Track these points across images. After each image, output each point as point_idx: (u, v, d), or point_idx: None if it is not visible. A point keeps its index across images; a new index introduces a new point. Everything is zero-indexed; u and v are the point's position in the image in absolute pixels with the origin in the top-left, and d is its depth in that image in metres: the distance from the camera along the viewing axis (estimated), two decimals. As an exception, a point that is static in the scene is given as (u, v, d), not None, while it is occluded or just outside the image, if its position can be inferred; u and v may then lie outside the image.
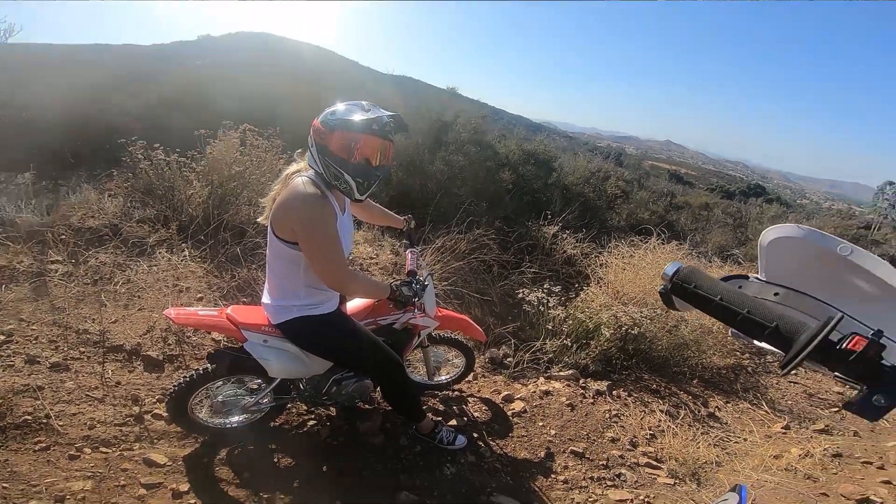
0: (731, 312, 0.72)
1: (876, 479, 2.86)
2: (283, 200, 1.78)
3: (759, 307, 0.71)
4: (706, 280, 0.77)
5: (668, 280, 0.81)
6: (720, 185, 33.16)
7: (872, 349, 0.60)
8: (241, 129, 4.05)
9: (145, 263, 3.43)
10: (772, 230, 0.86)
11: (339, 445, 2.39)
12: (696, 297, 0.77)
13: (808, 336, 0.63)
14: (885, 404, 0.61)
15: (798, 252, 0.83)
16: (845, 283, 0.80)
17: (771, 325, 0.68)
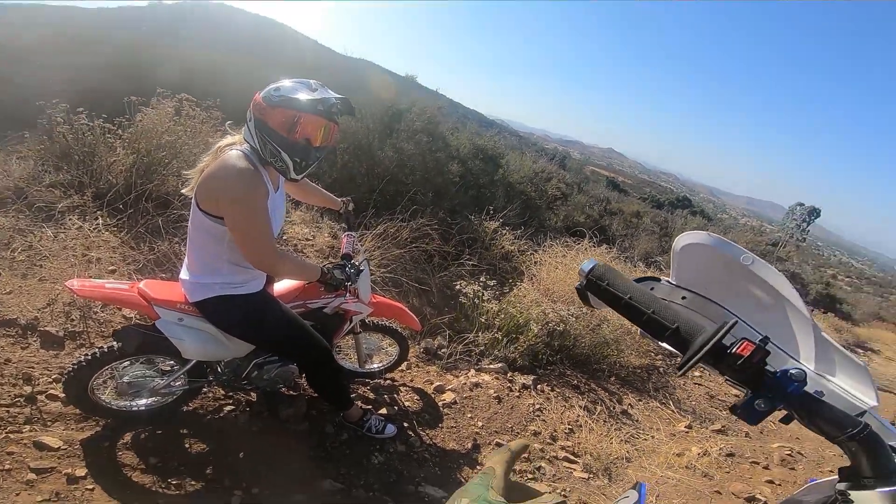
0: (638, 312, 0.74)
1: (762, 478, 3.19)
2: (211, 172, 1.68)
3: (663, 308, 0.73)
4: (619, 279, 0.79)
5: (584, 276, 0.82)
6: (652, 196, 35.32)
7: (758, 355, 0.63)
8: (179, 99, 3.86)
9: (51, 230, 3.09)
10: (684, 236, 0.89)
11: (259, 432, 2.29)
12: (608, 294, 0.79)
13: (704, 339, 0.66)
14: (765, 409, 0.64)
15: (706, 259, 0.87)
16: (744, 290, 0.85)
17: (672, 326, 0.71)
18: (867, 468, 0.62)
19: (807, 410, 0.65)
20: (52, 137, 3.62)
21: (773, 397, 0.64)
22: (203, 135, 3.90)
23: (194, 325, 1.93)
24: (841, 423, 0.63)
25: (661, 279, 0.93)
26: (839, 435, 0.63)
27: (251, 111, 1.74)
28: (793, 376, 0.64)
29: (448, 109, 10.57)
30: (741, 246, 0.86)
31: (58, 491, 1.77)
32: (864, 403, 0.76)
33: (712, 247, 0.86)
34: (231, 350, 2.04)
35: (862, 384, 0.78)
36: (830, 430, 0.64)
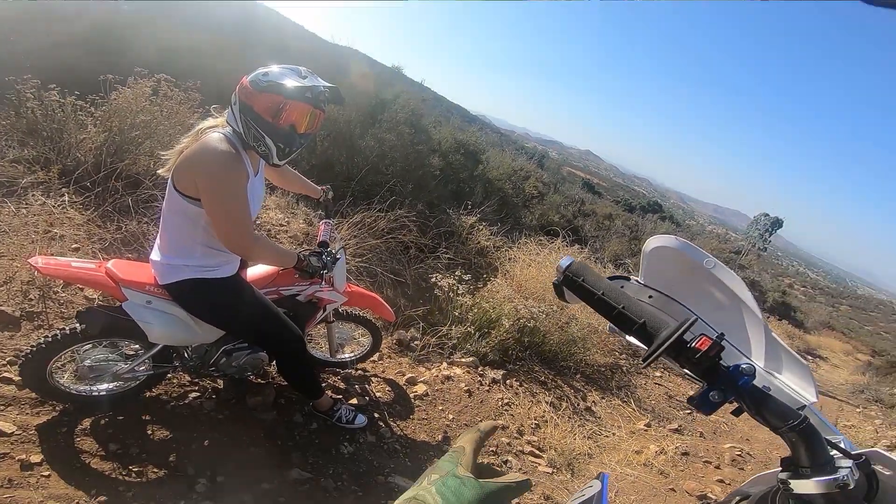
0: (609, 307, 0.79)
1: (713, 477, 3.35)
2: (191, 153, 1.65)
3: (632, 305, 0.78)
4: (593, 276, 0.84)
5: (562, 272, 0.86)
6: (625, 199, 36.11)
7: (714, 350, 0.68)
8: (157, 79, 3.73)
9: (12, 205, 2.95)
10: (654, 239, 0.96)
11: (225, 420, 2.25)
12: (583, 289, 0.83)
13: (667, 334, 0.71)
14: (718, 400, 0.69)
15: (673, 261, 0.94)
16: (705, 291, 0.93)
17: (639, 321, 0.76)
18: (805, 458, 0.68)
19: (754, 402, 0.70)
20: (18, 113, 3.47)
21: (725, 389, 0.69)
22: (180, 116, 3.79)
23: (163, 309, 1.88)
24: (784, 415, 0.68)
25: (630, 278, 0.99)
26: (782, 426, 0.68)
27: (237, 94, 1.71)
28: (743, 370, 0.69)
29: (432, 102, 10.52)
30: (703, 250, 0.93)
31: (11, 477, 1.71)
32: (805, 399, 0.83)
33: (679, 250, 0.93)
34: (200, 335, 1.99)
35: (804, 381, 0.85)
36: (774, 422, 0.68)
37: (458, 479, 0.59)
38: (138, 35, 5.95)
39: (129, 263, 1.96)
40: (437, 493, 0.55)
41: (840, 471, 0.65)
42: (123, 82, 3.61)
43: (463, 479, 0.59)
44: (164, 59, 4.81)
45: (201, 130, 1.74)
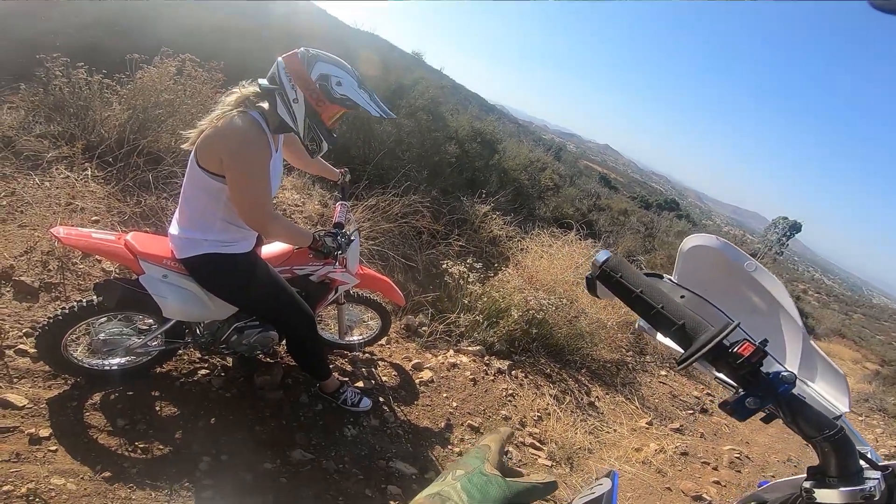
0: (648, 306, 0.77)
1: (710, 478, 3.34)
2: (219, 130, 1.68)
3: (671, 305, 0.77)
4: (631, 272, 0.82)
5: (598, 267, 0.84)
6: (641, 195, 35.61)
7: (756, 356, 0.67)
8: (181, 59, 3.79)
9: (37, 178, 3.00)
10: (694, 237, 0.93)
11: (232, 398, 2.29)
12: (620, 286, 0.81)
13: (708, 337, 0.70)
14: (754, 407, 0.68)
15: (711, 261, 0.91)
16: (742, 295, 0.90)
17: (679, 322, 0.74)
18: (834, 468, 0.67)
19: (791, 411, 0.69)
20: (47, 90, 3.54)
21: (762, 396, 0.68)
22: (203, 95, 3.83)
23: (178, 283, 1.90)
24: (820, 425, 0.67)
25: (663, 276, 0.96)
26: (817, 435, 0.67)
27: (301, 93, 1.72)
28: (784, 378, 0.69)
29: (450, 90, 10.40)
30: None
31: (18, 451, 1.74)
32: (838, 409, 0.81)
33: (719, 250, 0.90)
34: (213, 311, 2.02)
35: (838, 391, 0.83)
36: (809, 431, 0.68)
37: (485, 476, 0.59)
38: (163, 16, 5.98)
39: (148, 236, 1.98)
40: (462, 489, 0.55)
41: (867, 482, 0.65)
42: (149, 62, 3.66)
43: (490, 476, 0.59)
44: (189, 40, 4.84)
45: (225, 104, 1.76)
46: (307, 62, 1.72)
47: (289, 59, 1.72)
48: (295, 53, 1.73)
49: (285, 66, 1.72)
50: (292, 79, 1.71)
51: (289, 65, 1.72)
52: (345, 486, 2.11)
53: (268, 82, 1.74)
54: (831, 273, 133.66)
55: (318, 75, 1.72)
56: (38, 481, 1.66)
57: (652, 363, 5.16)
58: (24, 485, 1.63)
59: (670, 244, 10.02)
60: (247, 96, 1.76)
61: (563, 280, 4.55)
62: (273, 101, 1.74)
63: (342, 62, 1.79)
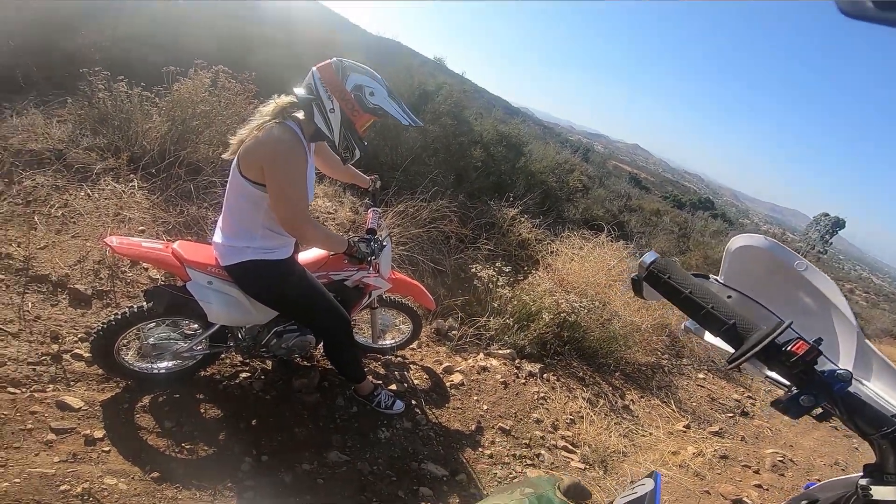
0: (697, 306, 0.78)
1: (751, 482, 3.23)
2: (260, 141, 1.76)
3: (721, 305, 0.77)
4: (679, 273, 0.83)
5: (645, 269, 0.85)
6: (674, 195, 34.69)
7: (811, 354, 0.68)
8: (215, 71, 3.95)
9: (87, 189, 3.19)
10: (741, 237, 0.93)
11: (272, 400, 2.37)
12: (669, 287, 0.82)
13: (760, 336, 0.71)
14: (809, 405, 0.69)
15: (759, 261, 0.90)
16: (792, 295, 0.89)
17: (729, 322, 0.75)
18: (893, 465, 0.67)
19: (848, 409, 0.69)
20: (91, 103, 3.74)
21: (817, 395, 0.69)
22: (237, 106, 3.98)
23: (222, 290, 1.99)
24: (878, 422, 0.68)
25: (710, 277, 0.96)
26: (874, 433, 0.67)
27: (337, 103, 1.79)
28: (840, 376, 0.69)
29: (474, 94, 10.45)
30: None
31: (75, 452, 1.82)
32: (894, 408, 0.80)
33: (768, 250, 0.89)
34: (254, 316, 2.10)
35: (894, 391, 0.82)
36: (866, 428, 0.68)
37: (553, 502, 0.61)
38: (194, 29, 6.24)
39: (193, 245, 2.08)
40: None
41: None
42: (184, 74, 3.82)
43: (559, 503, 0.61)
44: (220, 52, 5.05)
45: (263, 115, 1.83)
46: (341, 73, 1.78)
47: (324, 70, 1.79)
48: (329, 64, 1.80)
49: (321, 76, 1.78)
50: (328, 89, 1.78)
51: (324, 75, 1.78)
52: (378, 487, 2.14)
53: (304, 92, 1.81)
54: (880, 271, 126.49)
55: (353, 86, 1.79)
56: (92, 481, 1.74)
57: (689, 366, 5.02)
58: (80, 484, 1.71)
59: (706, 244, 9.73)
60: (283, 106, 1.83)
61: (594, 282, 4.49)
62: (309, 111, 1.81)
63: (373, 72, 1.85)
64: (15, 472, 1.67)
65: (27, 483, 1.65)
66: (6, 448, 1.75)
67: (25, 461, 1.73)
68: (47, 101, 4.09)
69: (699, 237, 10.13)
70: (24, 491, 1.62)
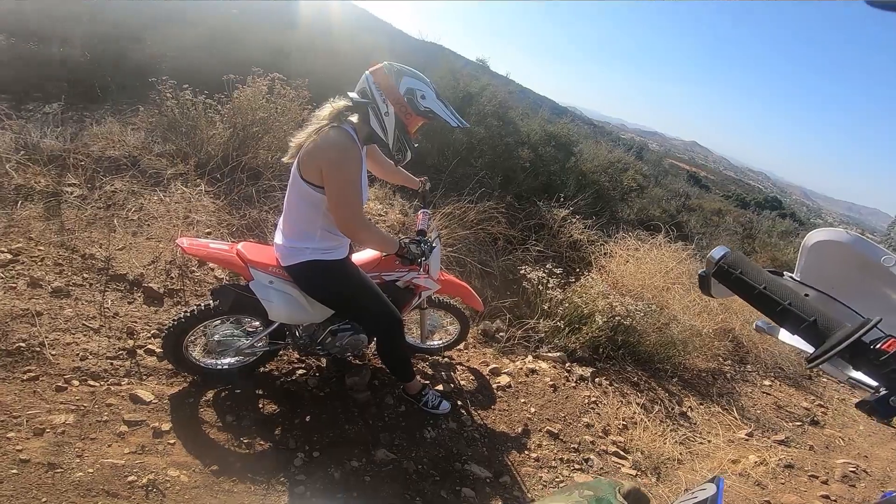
0: (773, 302, 0.75)
1: (817, 493, 2.97)
2: (319, 145, 1.83)
3: (800, 301, 0.73)
4: (752, 269, 0.79)
5: (714, 264, 0.82)
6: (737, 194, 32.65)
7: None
8: (271, 78, 4.12)
9: (160, 193, 3.46)
10: (818, 232, 0.88)
11: (325, 397, 2.45)
12: (741, 283, 0.79)
13: (845, 333, 0.66)
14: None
15: (839, 257, 0.85)
16: (878, 292, 0.83)
17: (809, 319, 0.71)
18: None
19: None
20: (161, 111, 4.02)
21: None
22: (292, 112, 4.14)
23: (282, 289, 2.08)
24: None
25: (784, 274, 0.92)
26: None
27: (391, 107, 1.86)
28: None
29: (519, 95, 10.35)
30: None
31: (144, 444, 1.95)
32: None
33: (849, 245, 0.84)
34: (311, 315, 2.19)
35: None
36: None
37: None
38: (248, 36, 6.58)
39: (256, 246, 2.19)
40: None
41: None
42: (242, 81, 4.02)
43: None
44: (273, 59, 5.29)
45: (320, 118, 1.90)
46: (395, 76, 1.84)
47: (377, 74, 1.85)
48: (381, 68, 1.85)
49: (375, 80, 1.85)
50: (383, 93, 1.84)
51: (378, 79, 1.84)
52: (422, 486, 2.16)
53: (358, 96, 1.87)
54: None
55: (406, 89, 1.85)
56: (157, 473, 1.85)
57: (754, 372, 4.71)
58: (146, 476, 1.82)
59: (774, 245, 9.08)
60: (339, 110, 1.89)
61: (651, 285, 4.31)
62: (364, 114, 1.88)
63: (422, 76, 1.90)
64: (89, 462, 1.80)
65: (99, 473, 1.78)
66: (84, 439, 1.90)
67: (99, 451, 1.86)
68: (122, 110, 4.47)
69: (766, 238, 9.46)
70: (95, 481, 1.75)
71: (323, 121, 1.88)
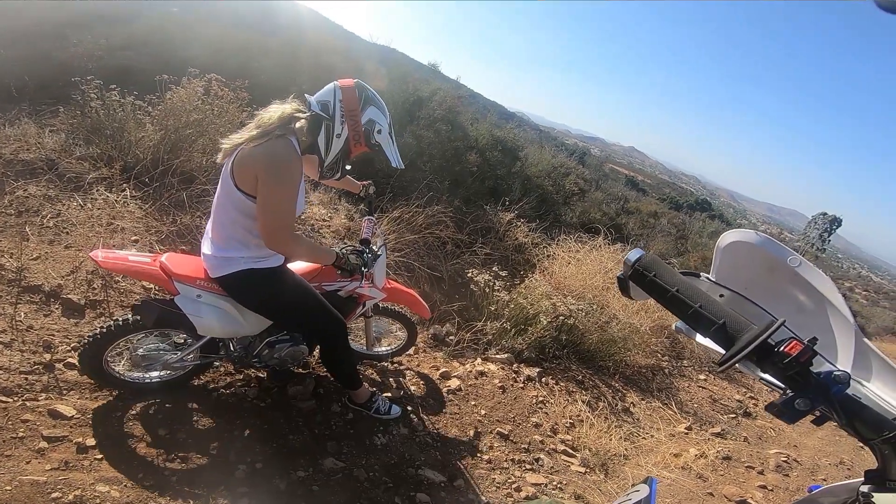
0: (684, 305, 0.75)
1: (755, 483, 3.19)
2: (256, 152, 1.73)
3: (710, 303, 0.74)
4: (666, 271, 0.79)
5: (630, 266, 0.82)
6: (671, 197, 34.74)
7: (806, 355, 0.64)
8: (207, 79, 3.94)
9: (80, 199, 3.19)
10: (732, 233, 0.90)
11: (266, 408, 2.34)
12: (654, 285, 0.79)
13: (751, 336, 0.67)
14: (805, 409, 0.65)
15: (750, 258, 0.87)
16: (786, 292, 0.86)
17: (719, 321, 0.71)
18: (895, 471, 0.64)
19: (847, 412, 0.66)
20: (84, 112, 3.73)
21: (814, 398, 0.65)
22: (230, 114, 3.97)
23: (212, 302, 1.97)
24: (879, 426, 0.64)
25: (700, 275, 0.93)
26: (875, 437, 0.64)
27: (346, 131, 1.85)
28: (837, 378, 0.65)
29: (468, 100, 10.49)
30: None
31: (67, 460, 1.81)
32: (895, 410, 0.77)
33: (759, 246, 0.86)
34: (245, 327, 2.08)
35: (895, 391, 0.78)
36: (867, 433, 0.65)
37: None
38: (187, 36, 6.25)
39: (182, 257, 2.06)
40: None
41: None
42: (177, 82, 3.80)
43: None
44: (213, 59, 5.06)
45: (268, 121, 1.77)
46: (362, 102, 1.83)
47: (347, 93, 1.81)
48: (352, 88, 1.82)
49: (342, 98, 1.81)
50: (345, 115, 1.81)
51: (346, 100, 1.81)
52: (375, 493, 2.12)
53: (318, 107, 1.81)
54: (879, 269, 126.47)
55: (367, 119, 1.85)
56: (84, 489, 1.72)
57: (690, 367, 5.00)
58: (72, 492, 1.70)
59: (704, 245, 9.73)
60: (289, 115, 1.79)
61: (592, 285, 4.48)
62: (316, 128, 1.83)
63: (384, 105, 1.91)
64: (6, 480, 1.66)
65: (18, 490, 1.64)
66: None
67: (17, 469, 1.72)
68: (40, 111, 4.09)
69: (697, 238, 10.12)
70: (15, 498, 1.61)
71: (269, 124, 1.77)
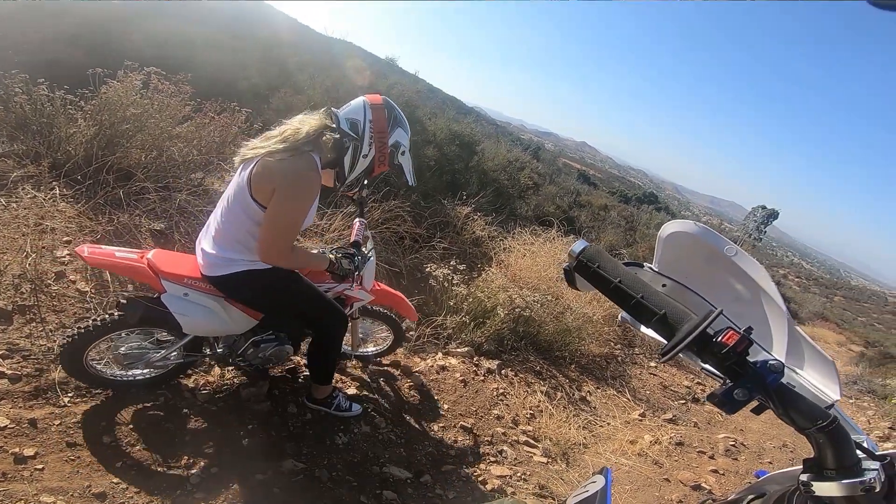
0: (626, 296, 0.75)
1: (707, 467, 3.38)
2: (279, 167, 1.71)
3: (651, 294, 0.74)
4: (609, 262, 0.79)
5: (574, 258, 0.81)
6: (620, 190, 36.06)
7: (742, 344, 0.65)
8: (146, 72, 3.72)
9: (3, 199, 2.92)
10: (672, 224, 0.91)
11: (219, 411, 2.25)
12: (597, 277, 0.79)
13: (690, 326, 0.67)
14: (743, 399, 0.65)
15: (690, 247, 0.89)
16: (724, 281, 0.88)
17: (659, 312, 0.72)
18: (831, 460, 0.65)
19: (782, 402, 0.66)
20: (7, 107, 3.46)
21: (751, 388, 0.65)
22: (171, 109, 3.77)
23: (199, 301, 1.94)
24: (813, 416, 0.65)
25: (644, 265, 0.94)
26: (810, 426, 0.64)
27: (373, 151, 1.89)
28: (772, 367, 0.66)
29: (427, 94, 10.45)
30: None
31: (4, 471, 1.71)
32: (829, 397, 0.79)
33: (697, 236, 0.87)
34: (231, 326, 2.06)
35: (828, 378, 0.80)
36: (802, 422, 0.65)
37: None
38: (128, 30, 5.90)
39: (170, 254, 2.03)
40: None
41: (866, 473, 0.63)
42: (113, 76, 3.58)
43: None
44: (156, 54, 4.80)
45: (295, 136, 1.76)
46: (391, 124, 1.86)
47: (377, 113, 1.84)
48: (382, 108, 1.85)
49: (373, 119, 1.83)
50: (374, 136, 1.84)
51: (376, 120, 1.84)
52: (339, 493, 2.09)
53: (347, 125, 1.83)
54: (809, 257, 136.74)
55: (394, 142, 1.88)
56: (27, 500, 1.64)
57: (641, 355, 5.21)
58: (14, 503, 1.61)
59: (651, 236, 10.15)
60: (316, 130, 1.79)
61: (546, 277, 4.58)
62: (342, 147, 1.83)
63: (408, 125, 1.97)
64: None
65: None
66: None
67: None
68: (-43, 107, 3.70)
69: (645, 230, 10.55)
70: None
71: (296, 140, 1.75)
